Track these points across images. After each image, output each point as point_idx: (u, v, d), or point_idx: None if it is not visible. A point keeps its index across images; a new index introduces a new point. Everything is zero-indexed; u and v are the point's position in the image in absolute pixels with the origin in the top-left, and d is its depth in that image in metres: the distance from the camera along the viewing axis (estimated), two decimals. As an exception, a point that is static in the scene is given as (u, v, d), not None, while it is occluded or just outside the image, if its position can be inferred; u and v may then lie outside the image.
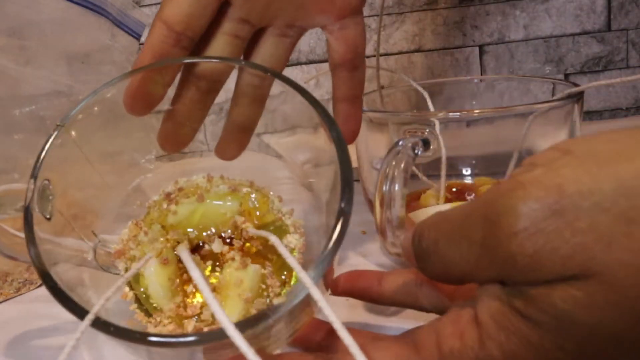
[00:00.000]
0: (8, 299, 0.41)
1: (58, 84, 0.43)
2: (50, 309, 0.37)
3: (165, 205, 0.30)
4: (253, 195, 0.31)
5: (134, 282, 0.28)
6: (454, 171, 0.43)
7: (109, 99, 0.27)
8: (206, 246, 0.29)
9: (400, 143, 0.32)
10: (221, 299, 0.27)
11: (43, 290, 0.42)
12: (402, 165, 0.30)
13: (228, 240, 0.30)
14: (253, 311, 0.26)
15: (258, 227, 0.30)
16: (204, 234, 0.30)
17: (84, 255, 0.30)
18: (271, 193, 0.32)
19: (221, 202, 0.30)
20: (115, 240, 0.30)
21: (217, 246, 0.29)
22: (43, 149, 0.26)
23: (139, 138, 0.35)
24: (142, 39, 0.51)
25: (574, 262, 0.17)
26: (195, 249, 0.30)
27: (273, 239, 0.25)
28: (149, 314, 0.28)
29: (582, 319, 0.17)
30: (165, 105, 0.30)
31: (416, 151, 0.32)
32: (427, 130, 0.34)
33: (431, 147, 0.33)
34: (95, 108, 0.27)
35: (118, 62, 0.47)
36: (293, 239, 0.30)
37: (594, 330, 0.17)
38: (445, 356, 0.21)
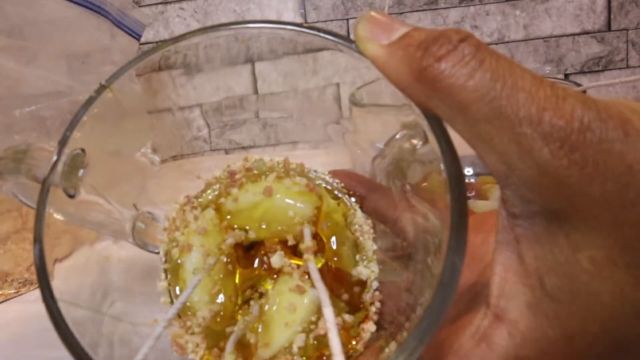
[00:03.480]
0: (8, 299, 0.41)
1: (58, 84, 0.43)
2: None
3: (225, 186, 0.25)
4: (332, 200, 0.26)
5: (172, 272, 0.25)
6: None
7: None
8: (265, 257, 0.25)
9: (397, 136, 0.31)
10: (265, 319, 0.23)
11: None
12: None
13: (290, 246, 0.25)
14: (294, 348, 0.23)
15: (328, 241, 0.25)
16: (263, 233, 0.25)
17: (119, 225, 0.26)
18: (353, 200, 0.27)
19: (292, 202, 0.25)
20: (161, 215, 0.26)
21: (277, 260, 0.24)
22: (79, 112, 0.21)
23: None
24: (142, 39, 0.51)
25: None
26: (249, 248, 0.26)
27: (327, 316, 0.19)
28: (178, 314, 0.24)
29: None
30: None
31: (417, 146, 0.32)
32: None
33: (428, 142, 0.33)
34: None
35: (118, 62, 0.47)
36: (365, 271, 0.25)
37: None
38: None
